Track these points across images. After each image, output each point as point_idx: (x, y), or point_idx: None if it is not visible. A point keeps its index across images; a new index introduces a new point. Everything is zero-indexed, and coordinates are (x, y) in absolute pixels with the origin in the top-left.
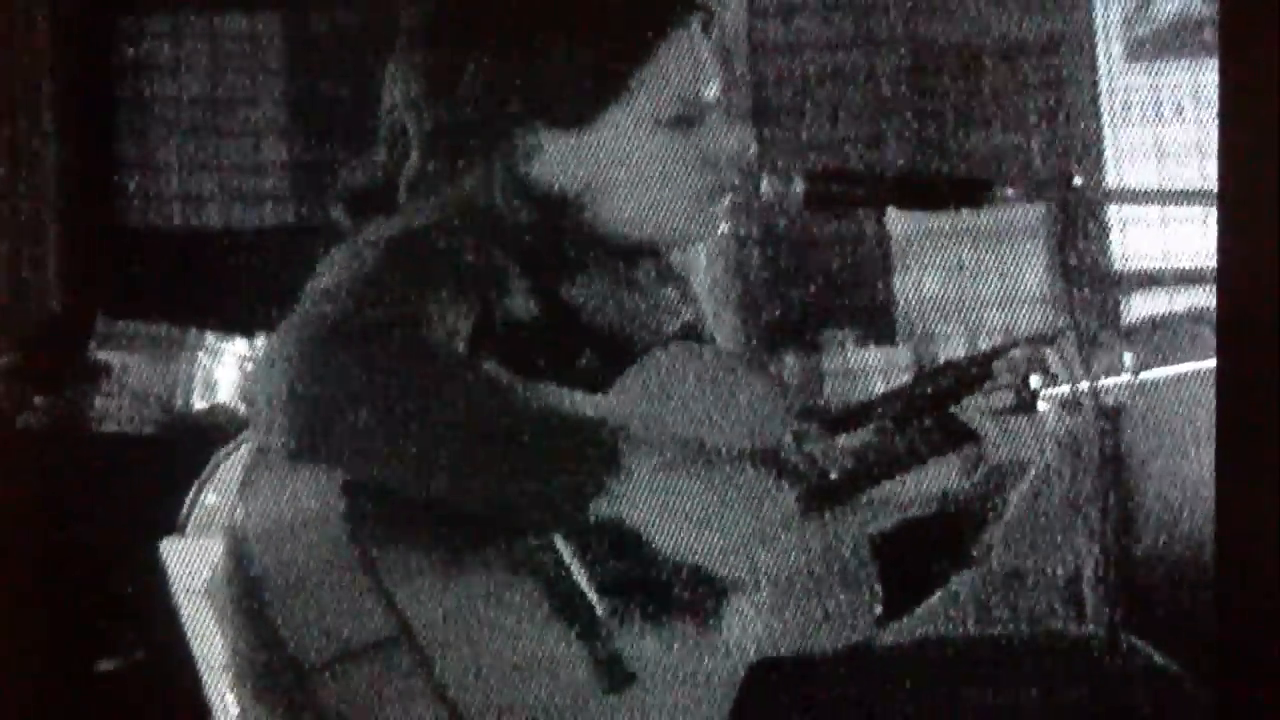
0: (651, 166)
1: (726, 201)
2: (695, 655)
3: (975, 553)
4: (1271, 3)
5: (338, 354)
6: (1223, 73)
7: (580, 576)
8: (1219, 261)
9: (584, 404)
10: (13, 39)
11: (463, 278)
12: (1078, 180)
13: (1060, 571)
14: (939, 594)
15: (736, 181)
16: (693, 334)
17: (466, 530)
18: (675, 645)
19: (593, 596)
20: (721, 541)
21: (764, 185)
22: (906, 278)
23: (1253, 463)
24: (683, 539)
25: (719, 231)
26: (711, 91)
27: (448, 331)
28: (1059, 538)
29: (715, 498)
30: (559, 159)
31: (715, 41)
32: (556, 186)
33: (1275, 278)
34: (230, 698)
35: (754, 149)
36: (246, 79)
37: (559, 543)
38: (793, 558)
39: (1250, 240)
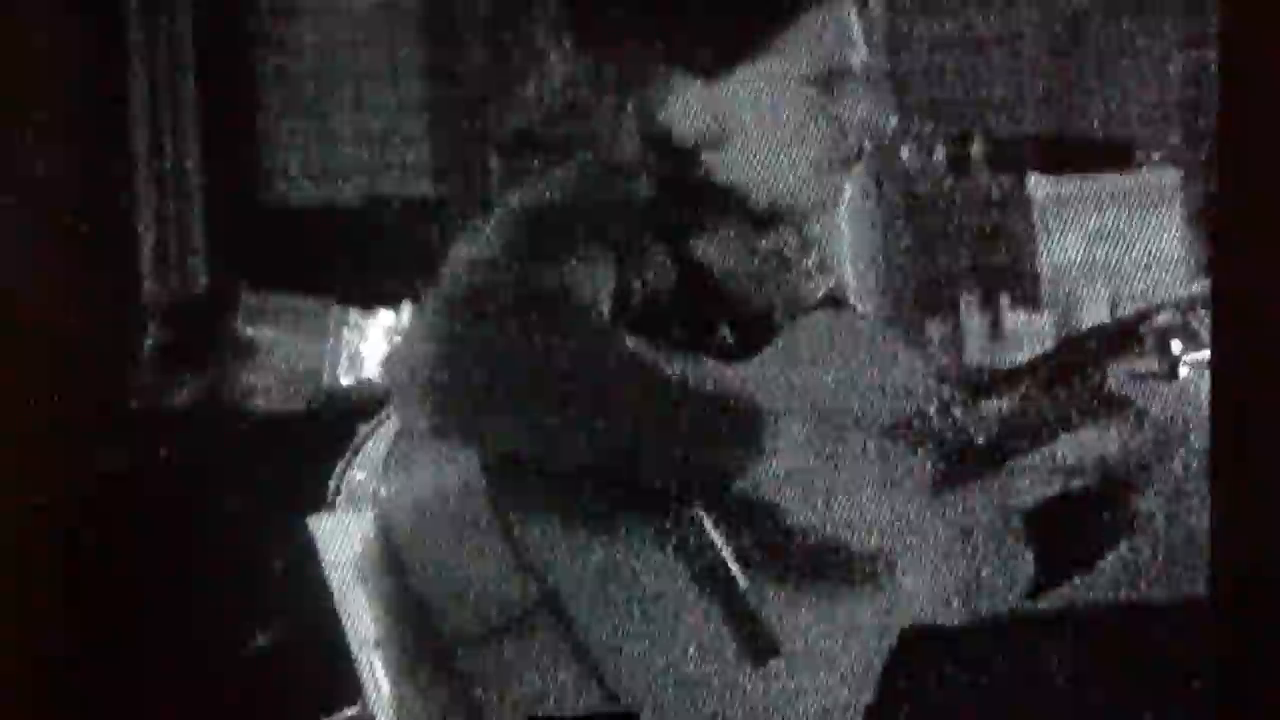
0: (781, 126)
1: (854, 171)
2: (841, 626)
3: (1135, 522)
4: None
5: (479, 327)
6: (1223, 74)
7: (724, 548)
8: (1218, 261)
9: (727, 375)
10: (155, 20)
11: (602, 247)
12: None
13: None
14: (1099, 564)
15: (868, 149)
16: (834, 304)
17: (608, 502)
18: (820, 617)
19: (736, 568)
20: (862, 519)
21: (904, 153)
22: (1049, 242)
23: (1251, 461)
24: (824, 514)
25: (843, 201)
26: (857, 60)
27: (589, 302)
28: (1207, 502)
29: (855, 475)
30: (689, 106)
31: (867, 14)
32: (684, 134)
33: (1275, 279)
34: (380, 672)
35: (893, 121)
36: (386, 52)
37: (702, 514)
38: (937, 530)
39: (1250, 239)
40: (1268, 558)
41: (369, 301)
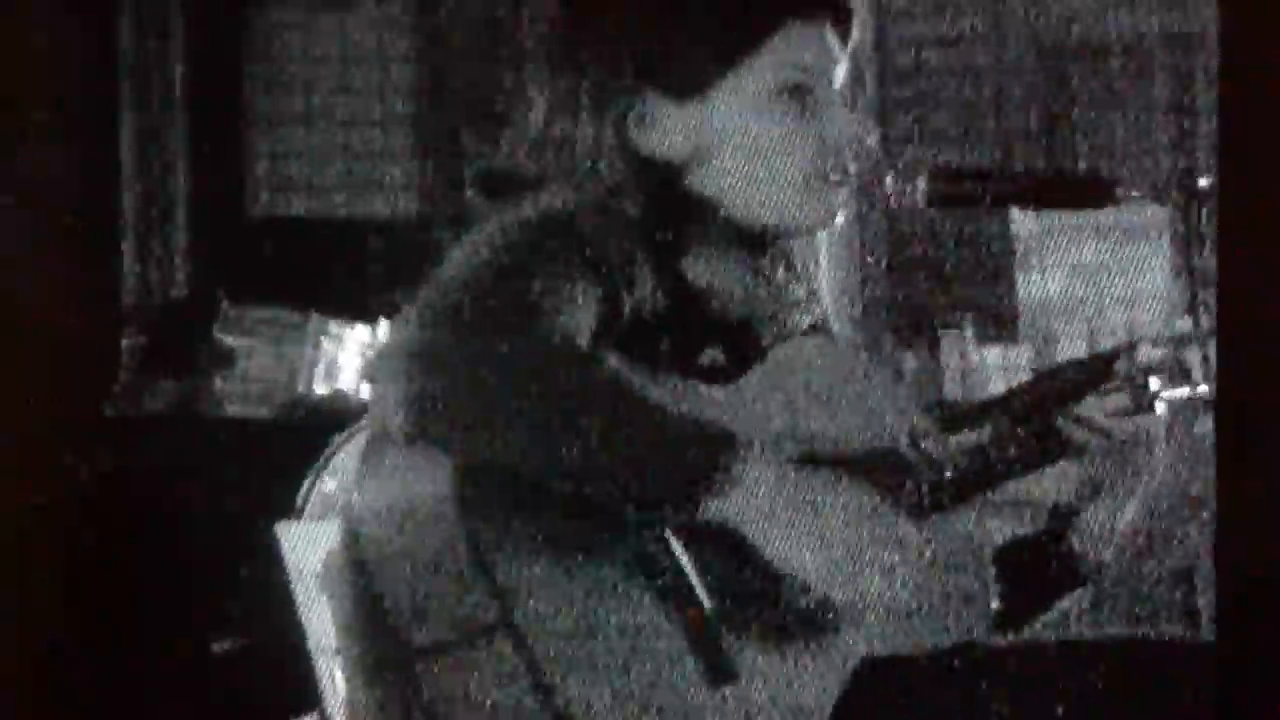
0: (762, 141)
1: (844, 193)
2: (801, 653)
3: (1085, 570)
4: (1272, 4)
5: (457, 343)
6: (1222, 76)
7: (690, 572)
8: (1219, 264)
9: (706, 399)
10: (146, 32)
11: (586, 267)
12: (1203, 181)
13: (1171, 577)
14: (1053, 608)
15: (854, 171)
16: (820, 331)
17: (578, 521)
18: (781, 643)
19: (701, 593)
20: (828, 558)
21: (887, 182)
22: (1029, 276)
23: (1254, 468)
24: (791, 550)
25: (836, 222)
26: (836, 79)
27: (571, 321)
28: (1174, 543)
29: (824, 510)
30: (669, 127)
31: (844, 35)
32: (664, 154)
33: (1275, 279)
34: (339, 678)
35: (875, 137)
36: (375, 68)
37: (670, 538)
38: (905, 561)
39: (1251, 242)
40: (1271, 594)
41: (348, 315)
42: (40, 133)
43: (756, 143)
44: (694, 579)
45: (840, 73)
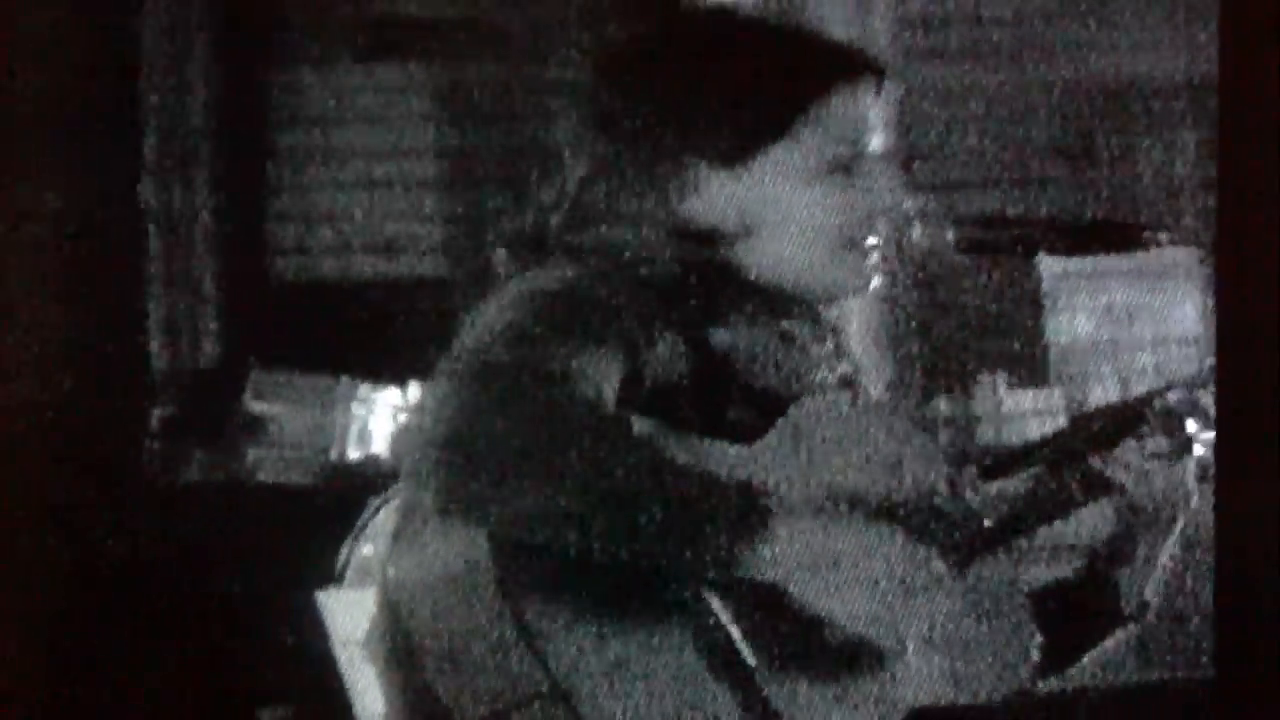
0: (808, 212)
1: (876, 256)
2: (850, 707)
3: (1129, 609)
4: (1271, 8)
5: (486, 409)
6: (1222, 78)
7: (732, 628)
8: (1218, 267)
9: (734, 458)
10: (169, 97)
11: (613, 330)
12: None
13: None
14: (1095, 650)
15: (884, 232)
16: (849, 388)
17: (615, 584)
18: (829, 698)
19: (744, 649)
20: (869, 603)
21: (915, 231)
22: (1058, 320)
23: (1253, 464)
24: (830, 600)
25: (872, 285)
26: (874, 144)
27: (598, 385)
28: (1210, 584)
29: (861, 561)
30: (715, 197)
31: (883, 99)
32: (711, 225)
33: (1275, 280)
34: None
35: (908, 203)
36: (401, 131)
37: (710, 597)
38: (945, 613)
39: (1251, 245)
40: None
41: (377, 377)
42: (63, 207)
43: (800, 213)
44: (737, 638)
45: (879, 138)
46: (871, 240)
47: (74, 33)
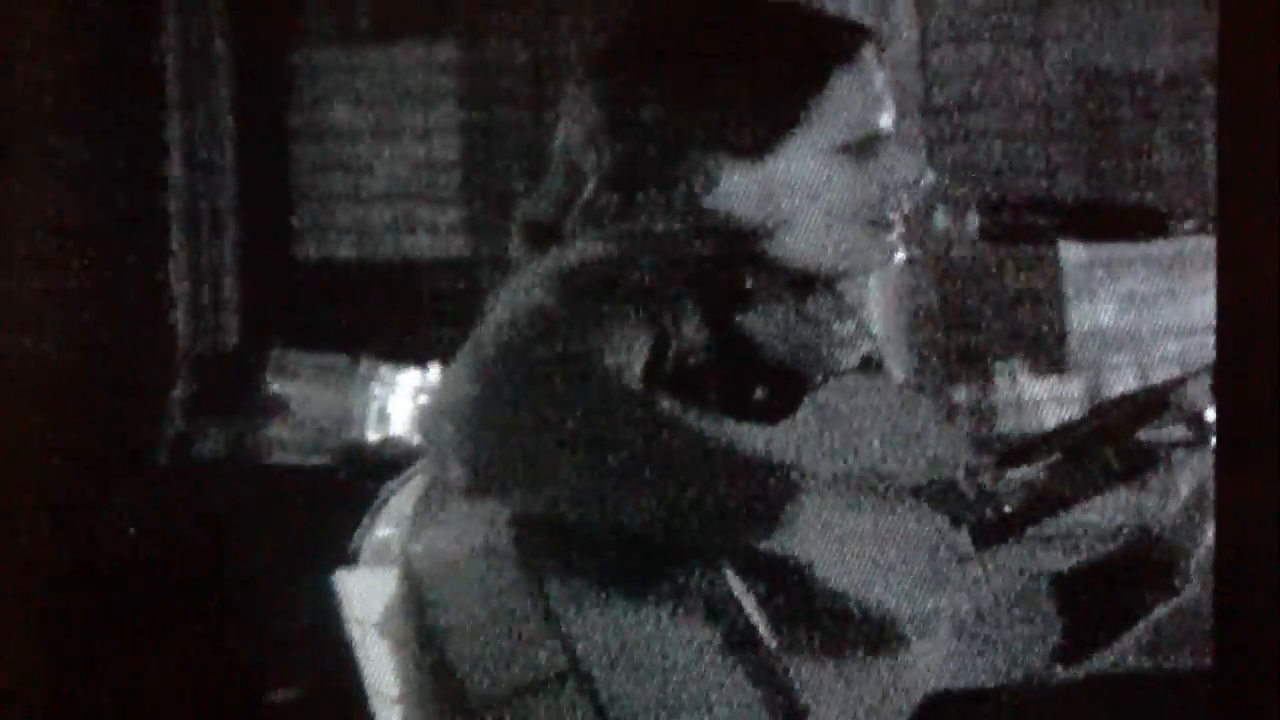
0: (830, 196)
1: (897, 231)
2: (869, 689)
3: (1174, 583)
4: (1271, 9)
5: (511, 388)
6: (1222, 80)
7: (751, 608)
8: (1219, 266)
9: (758, 438)
10: (192, 78)
11: (637, 310)
12: None
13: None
14: (1133, 630)
15: (908, 210)
16: (870, 368)
17: (637, 562)
18: (849, 679)
19: (764, 629)
20: (895, 583)
21: (938, 216)
22: (1079, 308)
23: (1253, 464)
24: (855, 578)
25: (895, 260)
26: (886, 120)
27: (622, 364)
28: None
29: (888, 539)
30: (739, 189)
31: (887, 70)
32: (736, 217)
33: (1275, 280)
34: None
35: (931, 177)
36: (422, 111)
37: (729, 574)
38: (968, 595)
39: (1251, 244)
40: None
41: (398, 359)
42: (85, 184)
43: (821, 195)
44: (757, 618)
45: (889, 114)
46: (893, 215)
47: (99, 11)
